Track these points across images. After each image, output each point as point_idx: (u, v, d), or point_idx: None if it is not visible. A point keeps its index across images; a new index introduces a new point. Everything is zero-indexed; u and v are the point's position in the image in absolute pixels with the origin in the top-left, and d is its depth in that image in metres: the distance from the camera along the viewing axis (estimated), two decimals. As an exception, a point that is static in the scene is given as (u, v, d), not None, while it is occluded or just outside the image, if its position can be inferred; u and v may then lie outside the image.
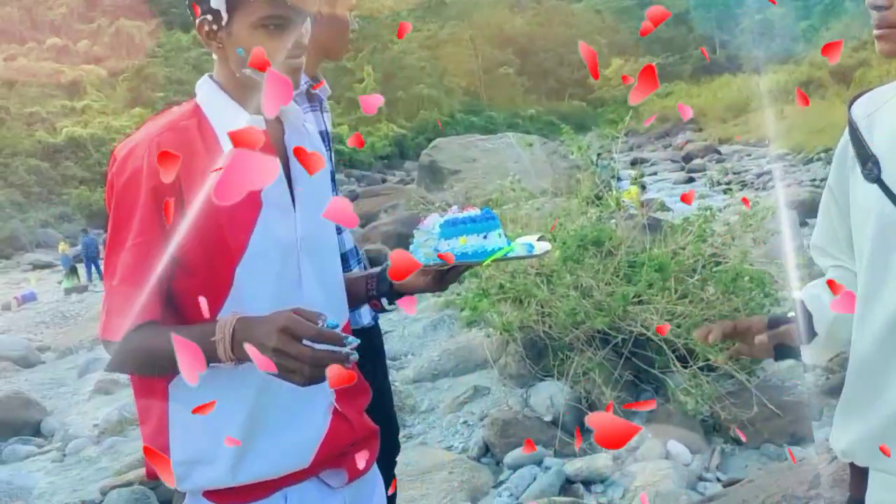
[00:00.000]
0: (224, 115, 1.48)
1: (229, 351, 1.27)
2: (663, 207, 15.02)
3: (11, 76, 41.30)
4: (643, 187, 16.45)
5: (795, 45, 44.57)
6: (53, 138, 36.67)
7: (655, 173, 24.76)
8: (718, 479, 3.82)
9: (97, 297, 15.16)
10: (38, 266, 24.84)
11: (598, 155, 17.68)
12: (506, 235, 1.59)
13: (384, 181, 30.94)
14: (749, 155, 25.40)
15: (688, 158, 25.51)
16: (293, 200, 1.50)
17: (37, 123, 37.88)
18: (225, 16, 1.43)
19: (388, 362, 5.79)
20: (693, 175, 22.41)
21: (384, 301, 1.68)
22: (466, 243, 1.52)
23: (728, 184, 19.44)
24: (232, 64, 1.47)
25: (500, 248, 1.55)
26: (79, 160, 36.54)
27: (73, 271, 18.77)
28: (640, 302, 4.42)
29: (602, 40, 62.14)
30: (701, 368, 4.14)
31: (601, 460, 3.92)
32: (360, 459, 1.54)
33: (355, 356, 1.22)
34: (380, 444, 1.72)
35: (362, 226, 11.59)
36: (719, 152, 25.90)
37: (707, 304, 4.33)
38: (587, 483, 3.87)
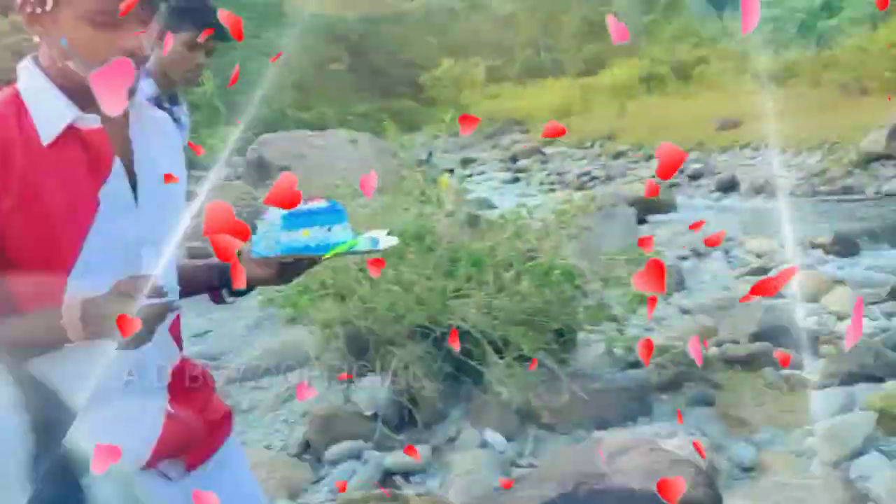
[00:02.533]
0: (49, 107, 1.38)
1: (79, 330, 1.23)
2: (489, 205, 15.41)
3: None
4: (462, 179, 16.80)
5: (639, 40, 46.58)
6: None
7: (483, 172, 25.29)
8: (532, 465, 3.97)
9: None
10: None
11: (430, 154, 17.87)
12: (352, 229, 1.56)
13: (210, 177, 30.13)
14: (572, 156, 26.37)
15: (514, 159, 26.21)
16: (136, 197, 1.44)
17: None
18: (50, 2, 1.33)
19: (210, 362, 5.67)
20: (519, 175, 23.05)
21: (224, 293, 1.69)
22: (309, 236, 1.49)
23: (552, 184, 20.21)
24: (54, 53, 1.37)
25: (343, 242, 1.52)
26: None
27: None
28: (459, 296, 4.52)
29: (433, 41, 62.88)
30: (516, 359, 4.27)
31: (419, 451, 4.00)
32: (198, 451, 1.57)
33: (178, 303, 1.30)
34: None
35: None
36: (544, 153, 26.75)
37: (522, 297, 4.48)
38: (406, 474, 3.94)
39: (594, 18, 52.98)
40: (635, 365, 4.94)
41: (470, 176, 23.97)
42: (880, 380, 4.61)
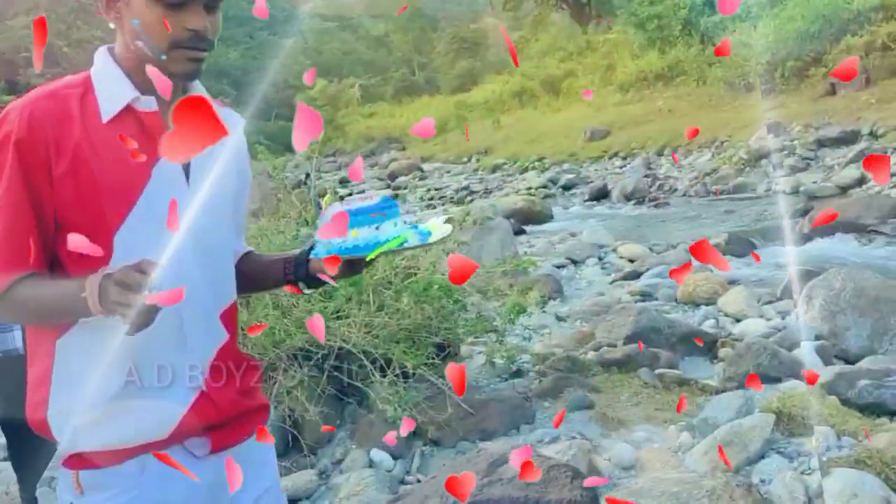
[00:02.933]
0: (112, 88, 1.50)
1: (98, 306, 1.28)
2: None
3: None
4: (341, 198, 16.75)
5: (508, 56, 47.27)
6: None
7: (363, 191, 25.27)
8: (419, 481, 3.99)
9: None
10: None
11: (307, 175, 17.79)
12: (405, 223, 1.58)
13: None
14: (449, 171, 26.64)
15: (393, 176, 26.29)
16: (188, 177, 1.53)
17: None
18: None
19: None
20: (398, 192, 23.13)
21: (301, 285, 1.72)
22: (358, 235, 1.51)
23: (431, 199, 20.35)
24: (126, 35, 1.48)
25: (390, 239, 1.53)
26: None
27: None
28: (339, 317, 4.51)
29: (307, 61, 62.60)
30: (398, 376, 4.29)
31: (306, 476, 3.96)
32: (226, 435, 1.60)
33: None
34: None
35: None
36: (422, 170, 26.94)
37: (402, 314, 4.50)
38: (294, 500, 3.89)
39: (465, 36, 54.01)
40: (517, 374, 5.04)
41: (350, 195, 23.97)
42: (777, 380, 4.69)
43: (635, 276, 8.65)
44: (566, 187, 19.44)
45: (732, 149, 17.67)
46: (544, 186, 19.70)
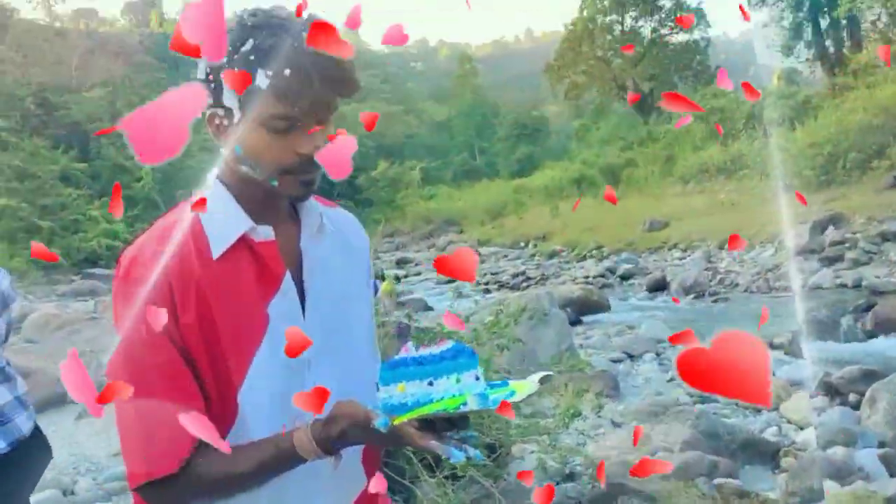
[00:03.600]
0: (223, 218, 1.36)
1: (321, 453, 1.26)
2: (425, 307, 15.35)
3: None
4: (397, 279, 16.76)
5: (569, 143, 47.72)
6: None
7: (419, 273, 25.39)
8: (465, 589, 3.85)
9: None
10: None
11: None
12: (480, 379, 1.26)
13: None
14: (506, 256, 26.66)
15: (451, 259, 26.42)
16: (304, 310, 1.39)
17: None
18: (238, 114, 1.32)
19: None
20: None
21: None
22: (405, 391, 1.24)
23: (487, 284, 20.32)
24: (230, 161, 1.36)
25: (445, 398, 1.23)
26: None
27: None
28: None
29: (370, 143, 63.75)
30: (447, 476, 4.19)
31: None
32: None
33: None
34: None
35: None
36: (479, 253, 26.99)
37: (453, 412, 4.42)
38: None
39: (526, 122, 54.73)
40: (570, 478, 4.89)
41: (406, 276, 24.11)
42: None
43: (694, 374, 8.42)
44: (624, 277, 19.26)
45: (771, 246, 17.50)
46: (602, 275, 19.55)
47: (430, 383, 1.23)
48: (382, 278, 14.15)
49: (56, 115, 47.09)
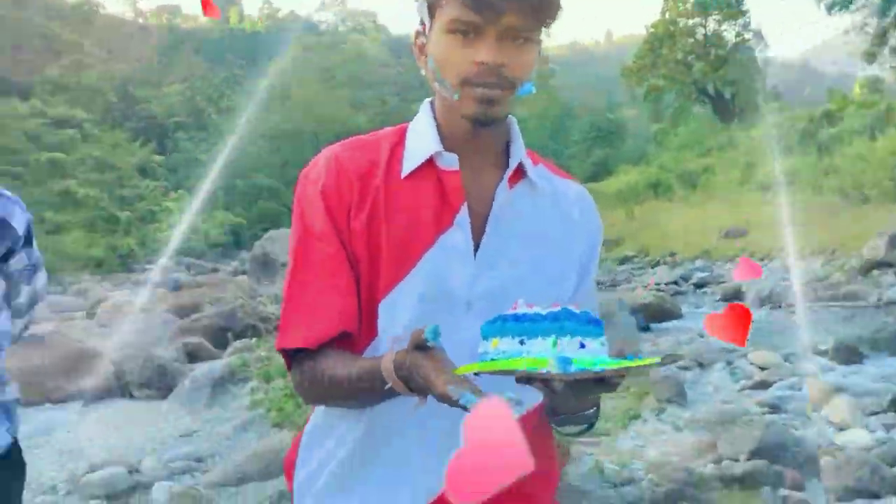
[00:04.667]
0: (420, 140, 1.38)
1: (406, 391, 1.13)
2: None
3: None
4: None
5: (645, 147, 47.19)
6: None
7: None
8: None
9: None
10: None
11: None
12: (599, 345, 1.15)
13: (216, 270, 29.97)
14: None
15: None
16: (476, 252, 1.34)
17: None
18: (428, 22, 1.32)
19: (193, 463, 5.54)
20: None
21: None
22: (497, 346, 1.18)
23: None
24: (430, 79, 1.35)
25: (521, 357, 1.12)
26: None
27: None
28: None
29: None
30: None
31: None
32: None
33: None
34: None
35: (183, 317, 11.18)
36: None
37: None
38: None
39: (602, 125, 54.16)
40: (629, 482, 4.79)
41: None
42: (876, 496, 4.46)
43: (765, 385, 8.20)
44: (698, 285, 18.89)
45: (844, 257, 16.98)
46: (675, 283, 19.20)
47: (522, 342, 1.14)
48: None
49: (136, 109, 48.56)
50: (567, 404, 1.18)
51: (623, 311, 9.11)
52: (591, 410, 1.24)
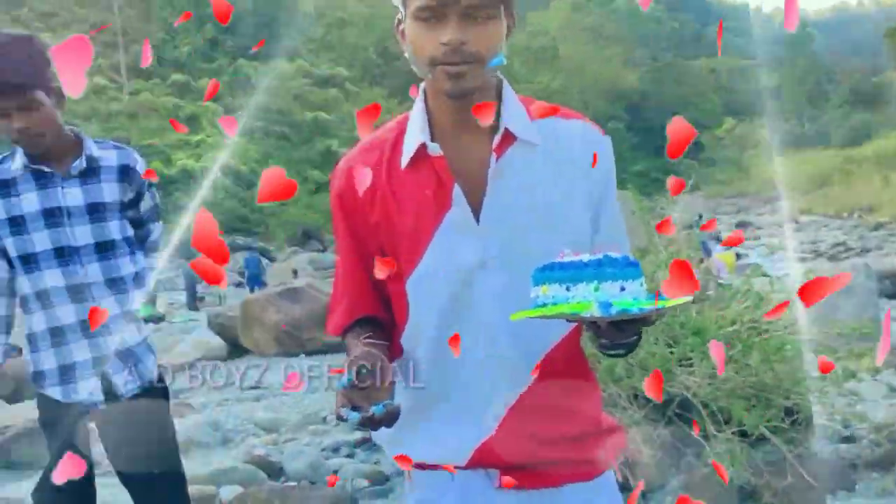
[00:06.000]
0: (413, 131, 1.50)
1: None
2: (762, 273, 14.73)
3: (134, 109, 43.92)
4: (738, 256, 16.06)
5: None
6: (168, 170, 38.03)
7: (758, 238, 24.27)
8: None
9: (172, 328, 15.62)
10: (136, 292, 25.06)
11: (699, 216, 17.39)
12: (637, 288, 1.23)
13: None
14: (826, 226, 24.95)
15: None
16: (478, 220, 1.47)
17: (154, 155, 39.04)
18: (402, 11, 1.45)
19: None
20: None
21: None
22: (547, 293, 1.29)
23: (804, 252, 19.15)
24: (412, 65, 1.46)
25: (564, 303, 1.26)
26: (189, 191, 37.34)
27: (151, 300, 18.97)
28: (682, 365, 4.45)
29: (717, 99, 61.38)
30: (735, 433, 4.14)
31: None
32: (525, 476, 1.52)
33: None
34: None
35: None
36: (797, 222, 25.52)
37: (748, 371, 4.34)
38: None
39: (864, 89, 50.11)
40: (848, 439, 4.69)
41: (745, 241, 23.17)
42: None
43: None
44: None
45: None
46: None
47: (567, 288, 1.25)
48: (717, 240, 13.70)
49: (395, 66, 50.02)
50: (611, 338, 1.28)
51: (869, 277, 8.54)
52: (633, 339, 1.32)
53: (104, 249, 2.40)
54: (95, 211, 2.37)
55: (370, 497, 4.76)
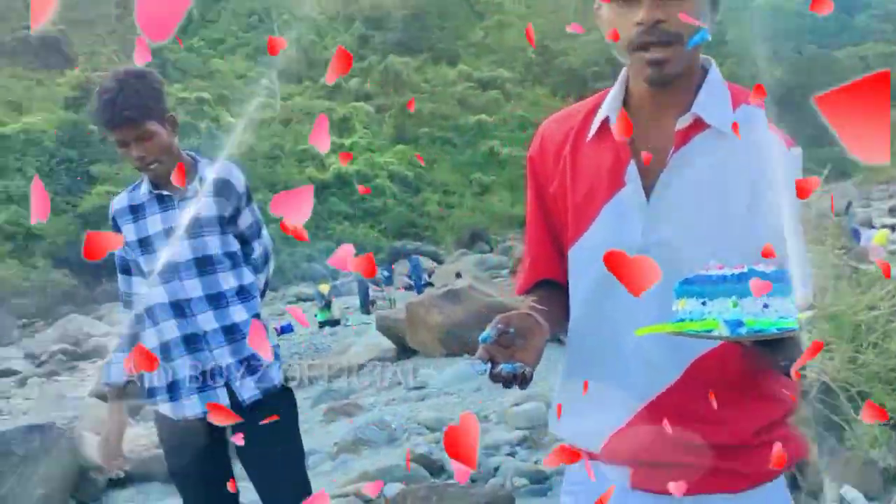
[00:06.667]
0: (605, 105, 1.48)
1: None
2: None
3: (288, 115, 44.20)
4: (893, 229, 15.33)
5: None
6: (322, 175, 38.69)
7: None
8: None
9: (348, 332, 16.33)
10: (301, 298, 26.32)
11: (849, 203, 16.78)
12: (769, 307, 1.14)
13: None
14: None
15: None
16: (648, 197, 1.42)
17: (308, 160, 40.20)
18: None
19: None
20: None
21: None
22: (684, 307, 1.22)
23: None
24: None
25: (695, 320, 1.19)
26: (343, 196, 38.26)
27: (327, 306, 19.71)
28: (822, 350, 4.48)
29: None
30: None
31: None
32: (653, 477, 1.45)
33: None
34: None
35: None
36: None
37: (890, 355, 4.34)
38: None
39: None
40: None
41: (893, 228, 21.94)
42: None
43: None
44: None
45: None
46: None
47: (703, 303, 1.18)
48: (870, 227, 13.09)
49: (555, 63, 49.48)
50: (759, 359, 1.23)
51: None
52: (786, 362, 1.15)
53: (203, 265, 2.44)
54: (192, 226, 2.41)
55: (528, 496, 4.88)
